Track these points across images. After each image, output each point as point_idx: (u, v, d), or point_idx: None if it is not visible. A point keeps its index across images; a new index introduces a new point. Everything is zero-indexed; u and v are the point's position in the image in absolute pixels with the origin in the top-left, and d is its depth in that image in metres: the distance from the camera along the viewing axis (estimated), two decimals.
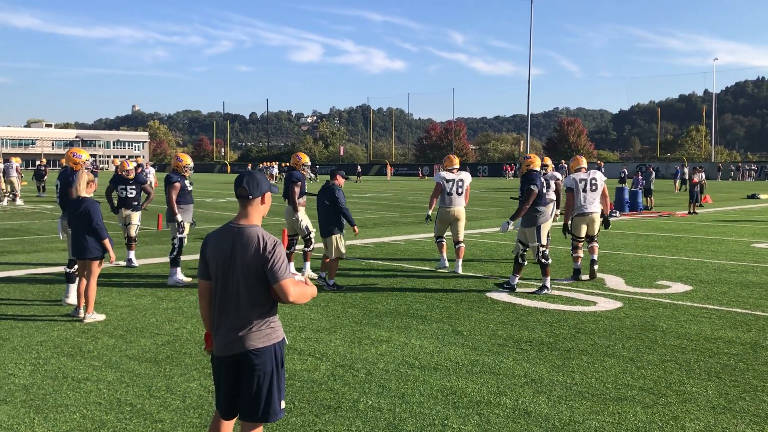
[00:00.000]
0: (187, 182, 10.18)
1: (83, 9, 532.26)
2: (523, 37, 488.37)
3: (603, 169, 41.48)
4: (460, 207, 11.13)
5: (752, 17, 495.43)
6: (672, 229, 18.51)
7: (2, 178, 27.69)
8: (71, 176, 8.73)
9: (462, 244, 11.12)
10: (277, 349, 3.56)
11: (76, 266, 8.24)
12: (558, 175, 12.06)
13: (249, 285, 3.48)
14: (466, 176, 11.31)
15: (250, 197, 3.55)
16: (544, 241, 9.44)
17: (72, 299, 8.33)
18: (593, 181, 10.52)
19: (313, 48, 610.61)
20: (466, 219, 11.52)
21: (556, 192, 11.82)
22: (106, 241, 7.65)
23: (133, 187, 11.54)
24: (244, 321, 3.49)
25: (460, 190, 11.11)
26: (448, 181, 11.10)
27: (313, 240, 10.67)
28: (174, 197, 9.82)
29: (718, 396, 5.29)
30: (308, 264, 10.67)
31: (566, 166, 43.82)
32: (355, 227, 9.75)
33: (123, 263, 11.29)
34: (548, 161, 12.32)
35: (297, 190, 10.38)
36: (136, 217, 11.66)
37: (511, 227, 9.83)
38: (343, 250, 9.63)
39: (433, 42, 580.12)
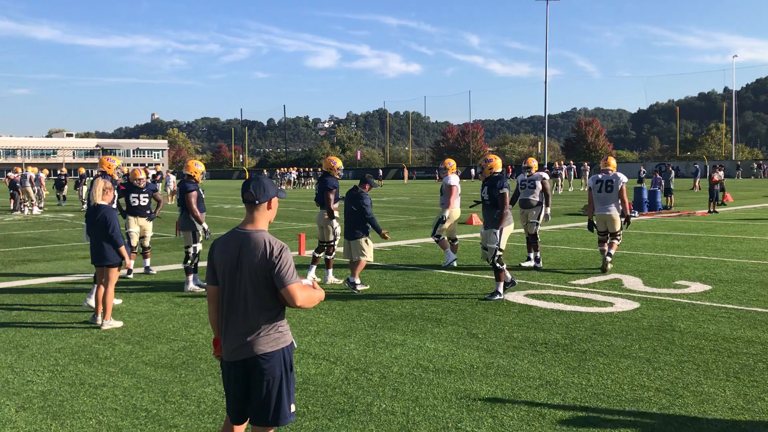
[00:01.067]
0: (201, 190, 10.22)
1: (102, 20, 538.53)
2: (539, 38, 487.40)
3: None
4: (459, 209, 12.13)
5: None
6: (691, 228, 18.32)
7: (20, 188, 28.09)
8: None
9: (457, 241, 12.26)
10: (286, 353, 3.57)
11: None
12: (545, 174, 11.93)
13: (256, 290, 3.49)
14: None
15: (257, 202, 3.57)
16: (503, 245, 9.00)
17: (92, 302, 8.47)
18: (609, 183, 10.99)
19: (329, 53, 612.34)
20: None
21: (544, 192, 11.71)
22: (122, 249, 7.74)
23: (146, 195, 11.50)
24: (252, 326, 3.51)
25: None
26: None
27: (335, 248, 10.56)
28: (195, 205, 9.85)
29: (737, 397, 5.22)
30: (330, 271, 10.51)
31: (588, 167, 43.56)
32: (385, 233, 9.59)
33: (124, 272, 11.25)
34: (532, 162, 12.11)
35: (332, 196, 10.21)
36: (150, 227, 11.68)
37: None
38: (370, 256, 9.64)
39: (448, 45, 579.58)
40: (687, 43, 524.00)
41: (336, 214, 10.42)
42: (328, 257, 10.47)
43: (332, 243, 10.42)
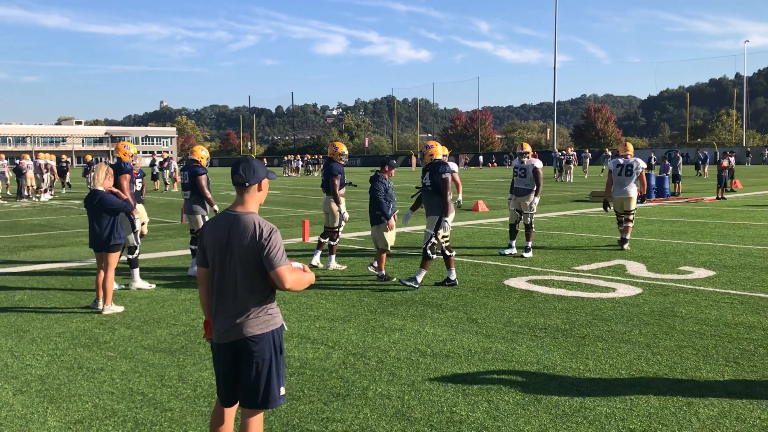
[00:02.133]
0: None
1: (111, 7, 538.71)
2: (549, 24, 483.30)
3: (610, 157, 40.83)
4: None
5: None
6: (699, 214, 18.20)
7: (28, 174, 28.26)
8: (122, 166, 9.26)
9: None
10: (276, 336, 3.56)
11: (137, 252, 9.04)
12: (537, 162, 11.45)
13: (246, 272, 3.48)
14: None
15: (247, 184, 3.56)
16: (441, 233, 8.84)
17: (138, 284, 8.97)
18: (629, 168, 11.95)
19: (338, 40, 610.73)
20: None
21: (536, 180, 11.30)
22: (127, 206, 7.86)
23: (140, 180, 11.31)
24: (242, 308, 3.50)
25: None
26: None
27: (339, 234, 10.51)
28: (207, 188, 9.83)
29: (735, 382, 5.18)
30: (333, 257, 10.43)
31: (589, 154, 43.28)
32: (389, 221, 9.40)
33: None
34: (527, 147, 11.65)
35: (337, 182, 10.20)
36: (143, 211, 11.46)
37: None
38: (389, 242, 9.40)
39: (457, 31, 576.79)
40: (698, 29, 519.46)
41: (342, 200, 10.37)
42: (332, 243, 10.41)
43: (336, 229, 10.36)
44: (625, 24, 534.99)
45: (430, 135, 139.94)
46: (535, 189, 11.34)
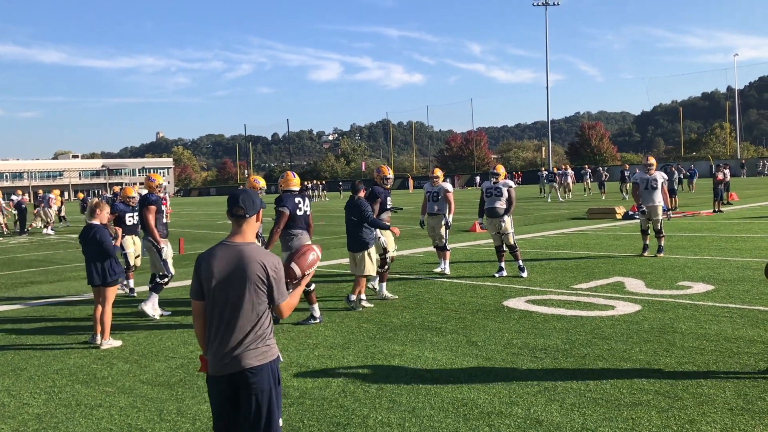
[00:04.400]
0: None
1: (107, 41, 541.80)
2: (540, 44, 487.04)
3: (593, 171, 40.72)
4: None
5: None
6: (696, 228, 18.22)
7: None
8: (147, 198, 9.45)
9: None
10: (274, 367, 3.54)
11: (157, 279, 9.28)
12: (510, 182, 11.51)
13: (246, 303, 3.47)
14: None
15: (247, 216, 3.57)
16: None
17: (148, 307, 9.16)
18: (653, 183, 13.10)
19: (332, 66, 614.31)
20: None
21: (509, 199, 11.30)
22: (113, 248, 7.79)
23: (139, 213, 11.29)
24: (241, 340, 3.48)
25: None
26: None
27: (388, 260, 10.05)
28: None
29: (737, 397, 5.15)
30: (384, 285, 9.92)
31: (589, 170, 43.25)
32: (394, 229, 9.42)
33: (126, 290, 11.25)
34: (500, 169, 11.73)
35: (376, 207, 9.97)
36: (140, 244, 11.46)
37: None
38: (372, 271, 9.20)
39: (450, 54, 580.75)
40: (689, 43, 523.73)
41: (387, 224, 9.87)
42: (381, 270, 9.87)
43: (384, 256, 9.93)
44: (617, 41, 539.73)
45: (425, 158, 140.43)
46: (507, 208, 11.36)
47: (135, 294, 11.12)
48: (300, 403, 5.46)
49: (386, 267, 10.01)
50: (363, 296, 9.34)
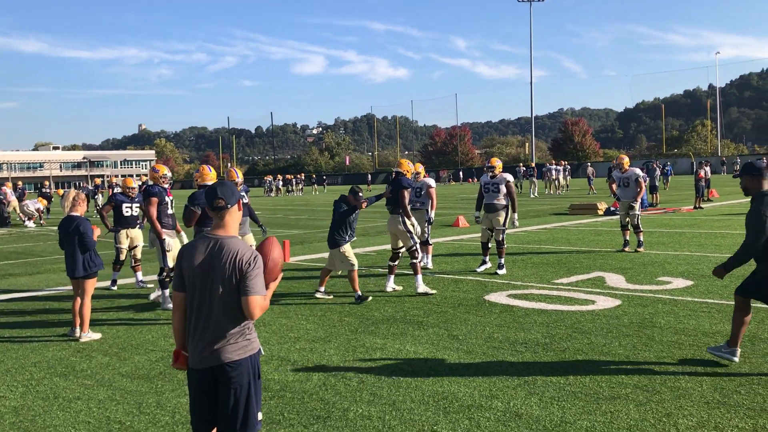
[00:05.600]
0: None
1: (89, 32, 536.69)
2: (525, 40, 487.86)
3: (565, 169, 40.94)
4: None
5: (755, 9, 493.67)
6: (676, 225, 18.39)
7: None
8: (149, 190, 9.33)
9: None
10: (253, 361, 3.53)
11: (165, 273, 9.17)
12: (508, 176, 11.35)
13: (226, 297, 3.45)
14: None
15: (228, 206, 3.55)
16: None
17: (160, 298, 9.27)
18: (625, 180, 13.46)
19: (317, 60, 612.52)
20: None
21: (510, 195, 11.16)
22: (93, 247, 7.69)
23: (138, 204, 11.06)
24: (221, 334, 3.47)
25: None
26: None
27: (419, 249, 9.82)
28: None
29: (713, 390, 5.21)
30: (420, 277, 9.67)
31: (568, 167, 43.46)
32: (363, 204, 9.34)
33: (109, 284, 11.14)
34: (496, 162, 11.50)
35: (407, 194, 9.73)
36: (140, 236, 11.24)
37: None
38: (354, 261, 9.23)
39: (435, 48, 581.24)
40: (672, 41, 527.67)
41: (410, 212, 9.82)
42: (414, 261, 9.71)
43: (413, 247, 9.69)
44: (601, 38, 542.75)
45: (409, 152, 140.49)
46: (511, 204, 11.24)
47: (116, 288, 11.01)
48: (280, 396, 5.45)
49: (418, 257, 9.78)
50: (321, 288, 9.56)
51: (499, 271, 11.13)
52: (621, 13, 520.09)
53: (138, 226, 11.21)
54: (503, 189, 11.20)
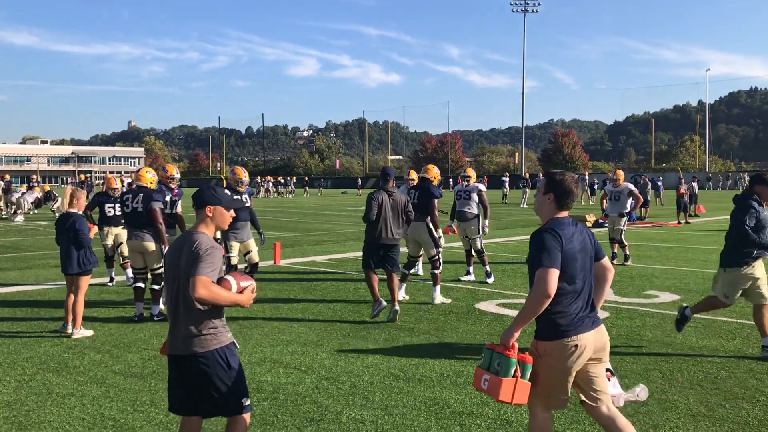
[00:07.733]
0: (244, 196, 9.50)
1: (82, 27, 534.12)
2: (518, 50, 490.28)
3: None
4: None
5: (744, 28, 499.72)
6: (664, 239, 18.58)
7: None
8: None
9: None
10: (221, 353, 3.65)
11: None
12: (480, 186, 11.42)
13: (186, 290, 3.61)
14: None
15: (194, 206, 3.77)
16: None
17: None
18: (616, 195, 13.72)
19: (310, 62, 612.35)
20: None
21: (482, 204, 11.26)
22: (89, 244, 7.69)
23: (119, 204, 11.16)
24: (188, 325, 3.63)
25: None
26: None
27: (441, 259, 9.72)
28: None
29: (699, 404, 5.32)
30: (438, 288, 9.52)
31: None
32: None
33: (107, 280, 11.17)
34: (471, 172, 11.68)
35: (437, 204, 9.67)
36: (124, 234, 11.32)
37: None
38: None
39: (428, 55, 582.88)
40: (663, 56, 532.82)
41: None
42: (436, 272, 9.55)
43: (436, 257, 9.60)
44: (593, 50, 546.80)
45: (400, 157, 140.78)
46: (482, 213, 11.30)
47: (113, 284, 11.06)
48: (274, 398, 5.51)
49: (439, 268, 9.65)
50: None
51: (488, 280, 11.22)
52: (613, 27, 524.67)
53: (121, 225, 11.18)
54: (475, 197, 11.33)
